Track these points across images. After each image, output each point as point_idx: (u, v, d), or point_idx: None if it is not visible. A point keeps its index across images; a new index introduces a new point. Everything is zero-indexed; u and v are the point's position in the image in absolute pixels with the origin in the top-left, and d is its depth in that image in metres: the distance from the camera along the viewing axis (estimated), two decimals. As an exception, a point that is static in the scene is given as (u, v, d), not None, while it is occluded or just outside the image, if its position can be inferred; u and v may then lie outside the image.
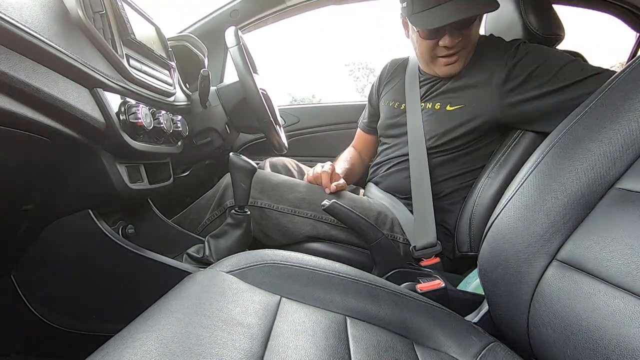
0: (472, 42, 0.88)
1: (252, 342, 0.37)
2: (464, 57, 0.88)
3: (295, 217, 0.89)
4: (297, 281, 0.52)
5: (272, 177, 0.94)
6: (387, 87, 1.11)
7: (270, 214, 0.89)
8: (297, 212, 0.89)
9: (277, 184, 0.92)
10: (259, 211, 0.89)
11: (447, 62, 0.88)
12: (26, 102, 0.49)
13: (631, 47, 1.41)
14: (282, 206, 0.89)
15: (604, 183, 0.41)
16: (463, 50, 0.87)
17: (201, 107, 1.04)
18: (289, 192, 0.90)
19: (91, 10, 0.62)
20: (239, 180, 0.76)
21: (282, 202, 0.89)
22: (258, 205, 0.89)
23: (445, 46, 0.85)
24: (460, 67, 0.89)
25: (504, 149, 0.86)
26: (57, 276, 0.75)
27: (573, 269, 0.40)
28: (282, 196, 0.90)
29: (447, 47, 0.85)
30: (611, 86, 0.44)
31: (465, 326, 0.52)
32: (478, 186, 0.87)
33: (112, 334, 0.35)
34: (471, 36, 0.86)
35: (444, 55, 0.87)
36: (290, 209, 0.89)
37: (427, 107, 0.94)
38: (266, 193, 0.90)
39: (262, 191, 0.90)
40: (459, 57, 0.87)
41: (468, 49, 0.88)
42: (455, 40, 0.84)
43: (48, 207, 0.70)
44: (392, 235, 0.89)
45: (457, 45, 0.85)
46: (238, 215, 0.79)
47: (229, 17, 1.40)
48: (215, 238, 0.80)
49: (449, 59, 0.87)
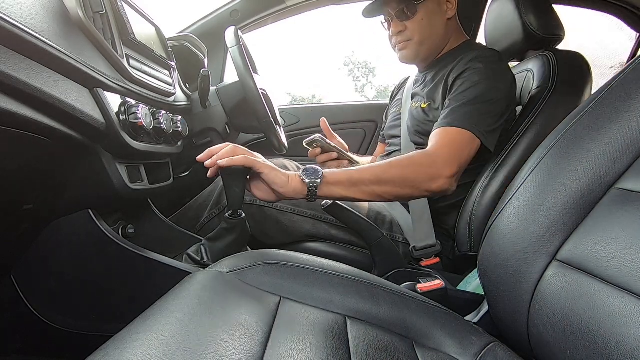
0: (420, 35, 0.93)
1: (252, 342, 0.37)
2: (414, 47, 0.94)
3: (295, 215, 0.88)
4: (297, 281, 0.52)
5: None
6: (396, 99, 1.17)
7: (269, 213, 0.89)
8: (296, 210, 0.89)
9: None
10: (258, 209, 0.89)
11: (398, 48, 0.97)
12: (26, 102, 0.49)
13: (631, 47, 1.41)
14: (281, 204, 0.89)
15: (604, 183, 0.41)
16: (410, 41, 0.94)
17: (201, 107, 1.04)
18: None
19: (91, 10, 0.62)
20: (232, 184, 0.75)
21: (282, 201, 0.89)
22: (257, 204, 0.89)
23: (392, 35, 0.95)
24: (410, 54, 0.95)
25: (504, 149, 0.86)
26: (57, 276, 0.75)
27: (573, 269, 0.40)
28: None
29: (393, 35, 0.95)
30: (611, 86, 0.44)
31: (465, 326, 0.52)
32: (478, 186, 0.86)
33: (112, 334, 0.35)
34: (415, 28, 0.92)
35: (395, 44, 0.97)
36: (289, 207, 0.89)
37: (413, 107, 0.97)
38: None
39: None
40: (406, 46, 0.95)
41: (416, 41, 0.93)
42: (397, 29, 0.93)
43: (48, 207, 0.70)
44: (391, 235, 0.89)
45: (401, 35, 0.94)
46: (232, 219, 0.78)
47: (229, 17, 1.40)
48: (212, 241, 0.80)
49: (399, 45, 0.96)
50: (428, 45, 0.94)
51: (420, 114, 0.92)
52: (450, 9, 0.93)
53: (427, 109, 0.91)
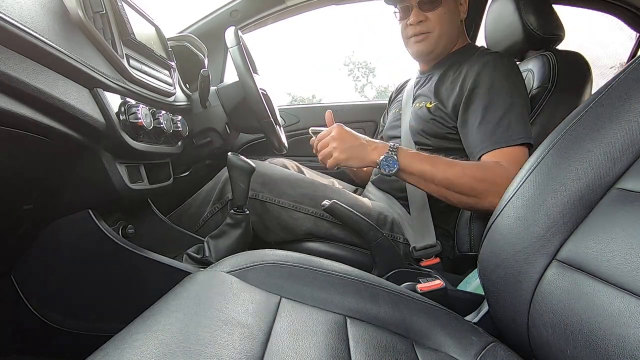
0: (440, 29, 0.93)
1: (252, 343, 0.37)
2: (433, 40, 0.94)
3: (296, 212, 0.89)
4: (297, 281, 0.52)
5: (275, 170, 0.94)
6: (395, 101, 1.18)
7: (271, 208, 0.89)
8: (298, 207, 0.89)
9: (279, 178, 0.92)
10: (261, 204, 0.89)
11: (415, 40, 0.96)
12: (26, 102, 0.49)
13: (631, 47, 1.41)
14: (283, 200, 0.89)
15: (604, 183, 0.41)
16: (430, 33, 0.93)
17: (201, 107, 1.04)
18: (290, 187, 0.90)
19: (91, 10, 0.62)
20: (238, 180, 0.76)
21: (284, 197, 0.89)
22: (259, 199, 0.89)
23: (411, 24, 0.94)
24: (428, 47, 0.95)
25: (504, 149, 0.86)
26: (57, 276, 0.75)
27: (573, 269, 0.40)
28: (284, 191, 0.90)
29: (412, 24, 0.93)
30: (611, 86, 0.44)
31: (465, 326, 0.52)
32: (478, 186, 0.86)
33: (112, 334, 0.35)
34: (437, 20, 0.92)
35: (412, 35, 0.96)
36: (291, 204, 0.89)
37: (416, 107, 0.97)
38: (267, 186, 0.90)
39: (264, 184, 0.90)
40: (425, 38, 0.94)
41: (435, 34, 0.93)
42: (418, 19, 0.92)
43: (48, 207, 0.70)
44: (392, 236, 0.89)
45: (421, 25, 0.93)
46: (237, 215, 0.79)
47: (229, 17, 1.40)
48: (215, 238, 0.80)
49: (416, 37, 0.95)
50: (445, 41, 0.95)
51: (425, 114, 0.92)
52: (463, 11, 0.95)
53: (433, 108, 0.91)
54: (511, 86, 0.81)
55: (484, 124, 0.79)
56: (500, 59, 0.85)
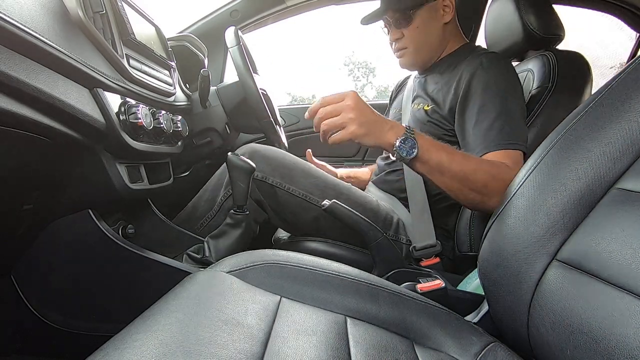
0: (416, 44, 0.94)
1: (252, 343, 0.37)
2: (410, 55, 0.96)
3: (305, 202, 0.88)
4: (297, 281, 0.52)
5: (285, 156, 0.93)
6: (396, 100, 1.17)
7: (280, 193, 0.89)
8: (308, 197, 0.88)
9: (293, 164, 0.91)
10: (270, 188, 0.89)
11: (397, 55, 0.99)
12: (26, 102, 0.49)
13: (631, 47, 1.41)
14: (293, 187, 0.88)
15: (604, 183, 0.41)
16: (407, 49, 0.96)
17: (201, 107, 1.04)
18: (302, 175, 0.90)
19: (91, 10, 0.62)
20: (238, 180, 0.76)
21: (294, 184, 0.89)
22: (269, 182, 0.88)
23: (391, 41, 0.98)
24: (408, 61, 0.97)
25: (504, 149, 0.86)
26: (57, 276, 0.75)
27: (573, 269, 0.40)
28: (295, 178, 0.89)
29: (391, 41, 0.97)
30: (611, 86, 0.44)
31: (465, 326, 0.52)
32: (478, 186, 0.86)
33: (112, 334, 0.35)
34: (410, 36, 0.93)
35: (394, 50, 0.99)
36: (302, 192, 0.88)
37: (415, 108, 0.97)
38: (278, 171, 0.89)
39: (275, 169, 0.89)
40: (403, 53, 0.97)
41: (411, 50, 0.95)
42: (395, 37, 0.95)
43: (48, 207, 0.70)
44: (396, 237, 0.89)
45: (399, 42, 0.96)
46: (237, 215, 0.79)
47: (229, 17, 1.40)
48: (215, 238, 0.80)
49: (397, 52, 0.98)
50: (424, 53, 0.95)
51: (422, 116, 0.92)
52: (448, 12, 0.93)
53: (430, 111, 0.90)
54: (507, 87, 0.80)
55: (478, 125, 0.79)
56: (496, 60, 0.84)
